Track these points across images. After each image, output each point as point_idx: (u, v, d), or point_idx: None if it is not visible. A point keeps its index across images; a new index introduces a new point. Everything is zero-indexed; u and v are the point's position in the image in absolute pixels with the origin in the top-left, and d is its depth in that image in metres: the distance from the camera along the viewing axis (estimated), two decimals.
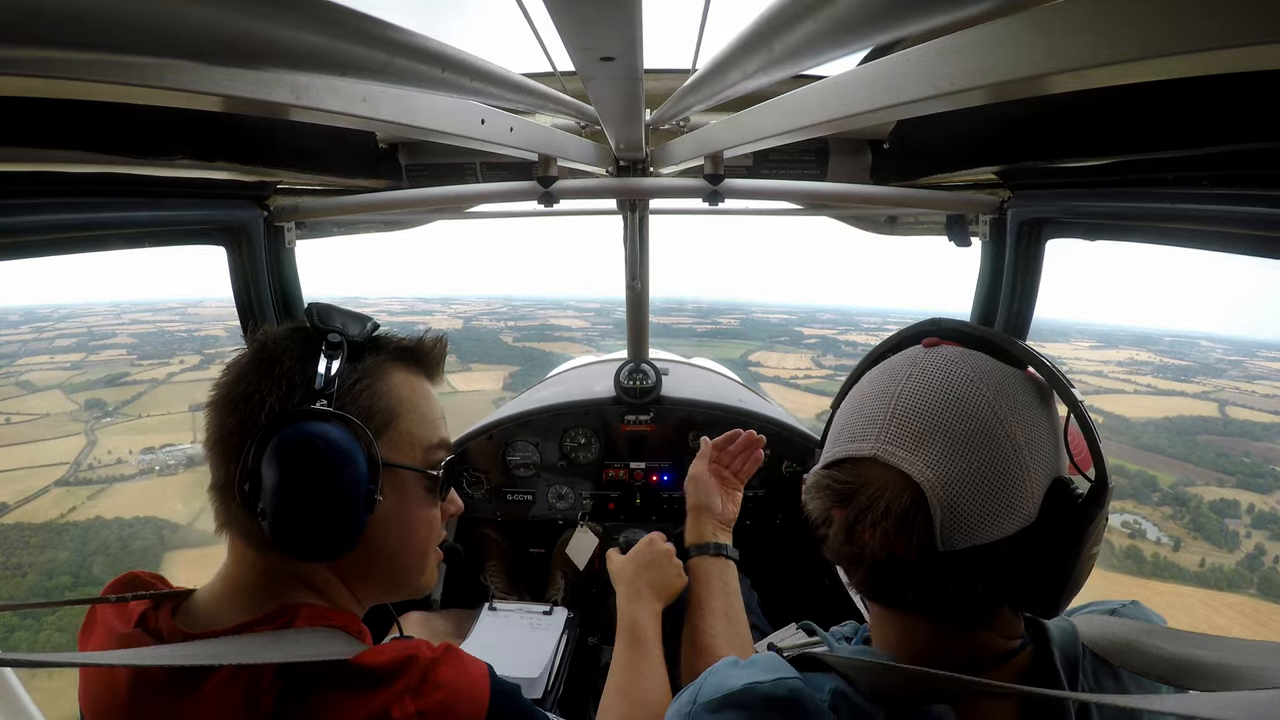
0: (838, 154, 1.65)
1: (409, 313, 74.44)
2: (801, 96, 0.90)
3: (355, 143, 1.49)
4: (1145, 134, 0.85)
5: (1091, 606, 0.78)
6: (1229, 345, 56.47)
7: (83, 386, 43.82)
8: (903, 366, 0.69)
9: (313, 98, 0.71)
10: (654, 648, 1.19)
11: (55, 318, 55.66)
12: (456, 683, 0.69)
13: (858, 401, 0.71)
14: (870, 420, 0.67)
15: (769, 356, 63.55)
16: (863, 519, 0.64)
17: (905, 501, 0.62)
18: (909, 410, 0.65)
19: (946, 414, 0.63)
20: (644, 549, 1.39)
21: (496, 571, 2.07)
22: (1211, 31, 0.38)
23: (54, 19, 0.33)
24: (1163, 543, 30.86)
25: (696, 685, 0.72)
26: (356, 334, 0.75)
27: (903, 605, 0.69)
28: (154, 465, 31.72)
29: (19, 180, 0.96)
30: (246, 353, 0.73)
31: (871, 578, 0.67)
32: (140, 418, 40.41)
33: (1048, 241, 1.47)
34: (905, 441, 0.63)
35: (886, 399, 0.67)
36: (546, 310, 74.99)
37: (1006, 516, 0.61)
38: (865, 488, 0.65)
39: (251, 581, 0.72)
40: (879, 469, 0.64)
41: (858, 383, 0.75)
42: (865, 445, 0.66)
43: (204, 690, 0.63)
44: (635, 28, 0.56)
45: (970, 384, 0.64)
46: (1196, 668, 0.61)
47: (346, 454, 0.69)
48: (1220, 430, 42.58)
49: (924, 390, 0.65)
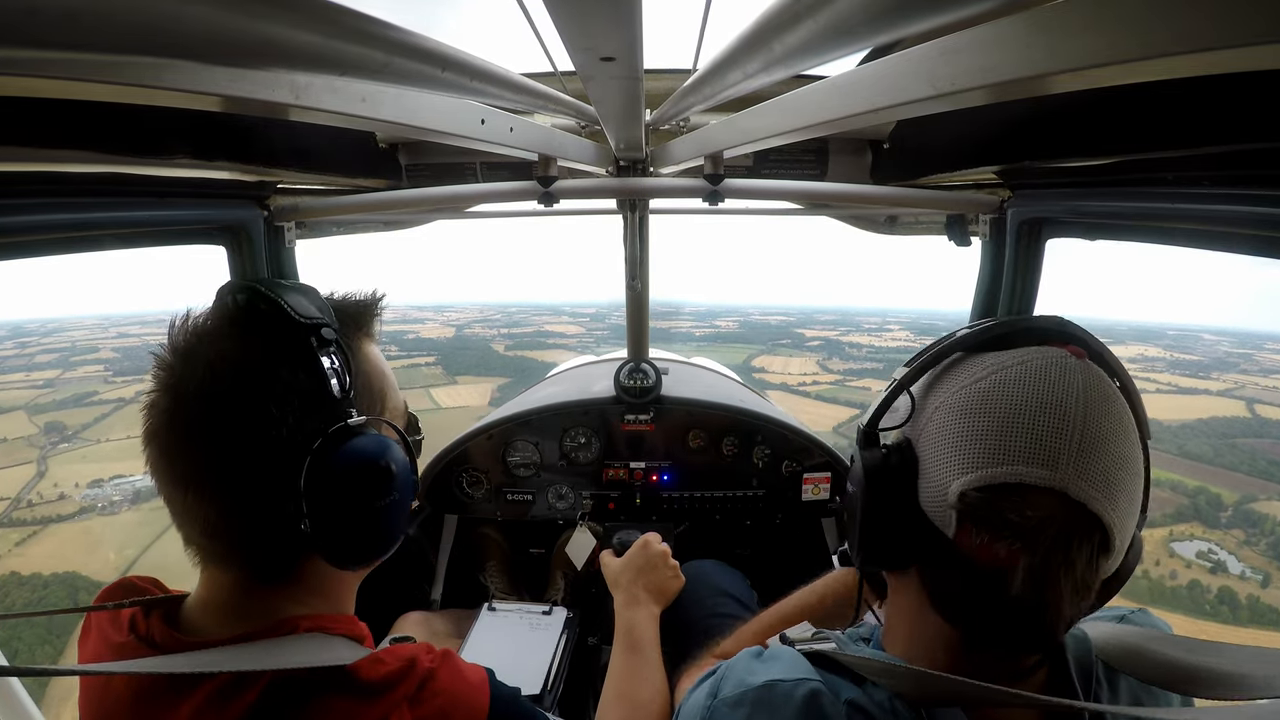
0: (838, 154, 1.65)
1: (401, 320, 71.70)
2: (801, 96, 0.90)
3: (355, 143, 1.49)
4: (1145, 134, 0.85)
5: (1098, 614, 0.77)
6: (1234, 338, 54.33)
7: (48, 407, 39.47)
8: (1066, 377, 0.60)
9: (313, 98, 0.71)
10: (652, 651, 1.20)
11: (41, 332, 52.14)
12: (455, 690, 0.69)
13: (1008, 403, 0.61)
14: (1046, 440, 0.58)
15: (773, 361, 61.22)
16: (1051, 560, 0.57)
17: (1093, 546, 0.57)
18: (1098, 438, 0.58)
19: (1124, 448, 0.59)
20: (639, 552, 1.39)
21: (496, 571, 2.07)
22: (1211, 31, 0.38)
23: (53, 19, 0.33)
24: (1248, 577, 25.55)
25: (717, 677, 0.71)
26: (327, 318, 0.69)
27: (985, 629, 0.63)
28: (97, 502, 26.81)
29: (19, 180, 0.96)
30: (198, 370, 0.62)
31: (982, 604, 0.61)
32: (99, 442, 35.14)
33: (1048, 241, 1.47)
34: (1096, 477, 0.57)
35: (1067, 418, 0.58)
36: (541, 316, 73.92)
37: (1125, 549, 0.61)
38: (1050, 524, 0.57)
39: (245, 603, 0.69)
40: (1061, 503, 0.57)
41: (968, 373, 0.66)
42: (1051, 475, 0.57)
43: (198, 697, 0.62)
44: (635, 28, 0.56)
45: (1127, 413, 0.61)
46: (1205, 675, 0.60)
47: (400, 460, 0.70)
48: (1256, 432, 38.42)
49: (1107, 416, 0.59)
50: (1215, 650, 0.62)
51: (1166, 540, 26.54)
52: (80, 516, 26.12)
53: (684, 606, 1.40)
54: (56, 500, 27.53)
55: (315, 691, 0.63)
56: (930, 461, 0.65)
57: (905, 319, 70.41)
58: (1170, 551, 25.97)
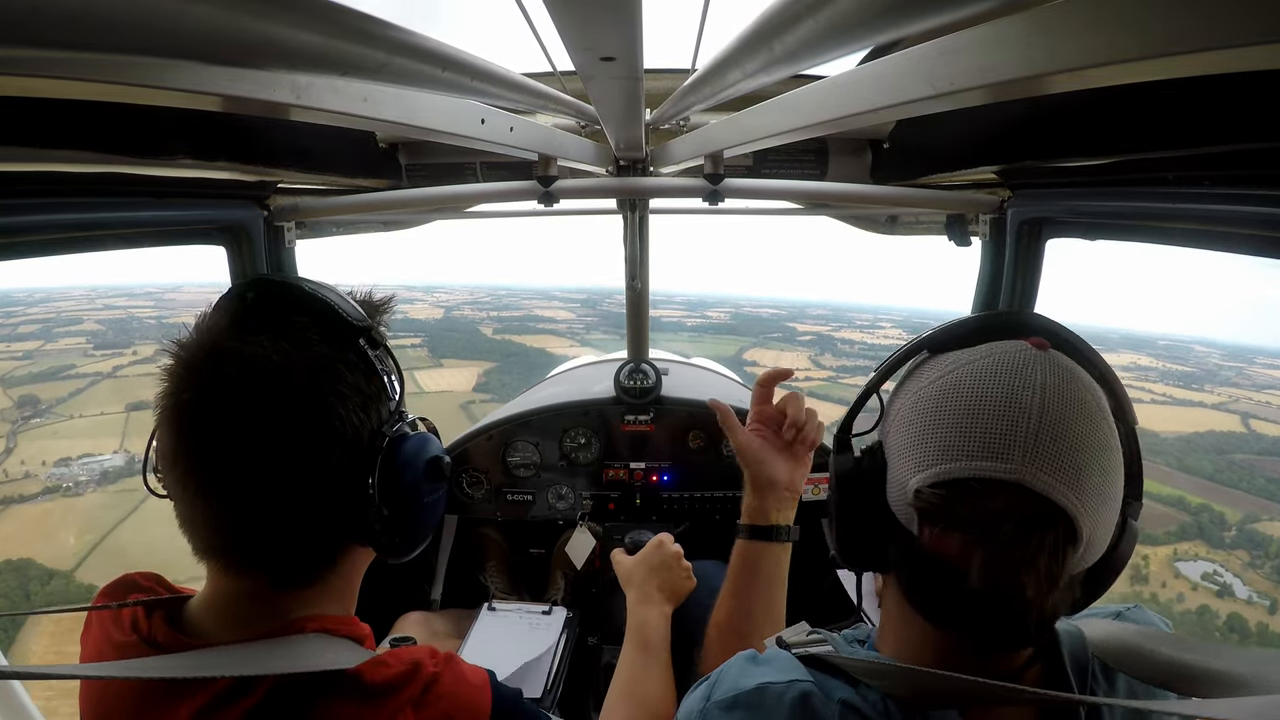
0: (837, 154, 1.64)
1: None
2: (801, 96, 0.90)
3: (355, 143, 1.49)
4: (1145, 134, 0.85)
5: (1093, 610, 0.77)
6: (1224, 350, 53.25)
7: (24, 380, 37.32)
8: (1024, 369, 0.60)
9: (313, 98, 0.71)
10: (662, 651, 1.19)
11: (29, 301, 49.20)
12: (458, 694, 0.69)
13: (964, 399, 0.61)
14: (1000, 432, 0.57)
15: (764, 355, 59.33)
16: (1009, 555, 0.56)
17: (1057, 537, 0.56)
18: (1055, 428, 0.57)
19: (1087, 436, 0.57)
20: (653, 551, 1.38)
21: (496, 571, 2.07)
22: (1211, 31, 0.38)
23: (53, 19, 0.33)
24: (1255, 602, 24.21)
25: (711, 680, 0.71)
26: (369, 321, 0.70)
27: (967, 626, 0.63)
28: (63, 482, 25.18)
29: (19, 180, 0.96)
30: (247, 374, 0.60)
31: (951, 600, 0.61)
32: (71, 419, 33.48)
33: (1048, 241, 1.47)
34: (1055, 467, 0.56)
35: (1022, 410, 0.57)
36: (532, 300, 72.97)
37: (1109, 539, 0.60)
38: (1005, 517, 0.56)
39: (256, 607, 0.69)
40: (1020, 495, 0.56)
41: (930, 371, 0.66)
42: (1005, 466, 0.56)
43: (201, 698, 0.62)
44: (635, 28, 0.56)
45: (1094, 401, 0.59)
46: (1200, 674, 0.59)
47: (446, 455, 0.75)
48: (1253, 448, 37.11)
49: (1065, 405, 0.58)
50: (1214, 651, 0.62)
51: (1171, 559, 25.85)
52: (42, 498, 24.60)
53: (683, 606, 1.40)
54: (21, 479, 25.79)
55: (319, 694, 0.63)
56: (894, 462, 0.66)
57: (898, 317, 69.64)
58: (1176, 572, 25.26)
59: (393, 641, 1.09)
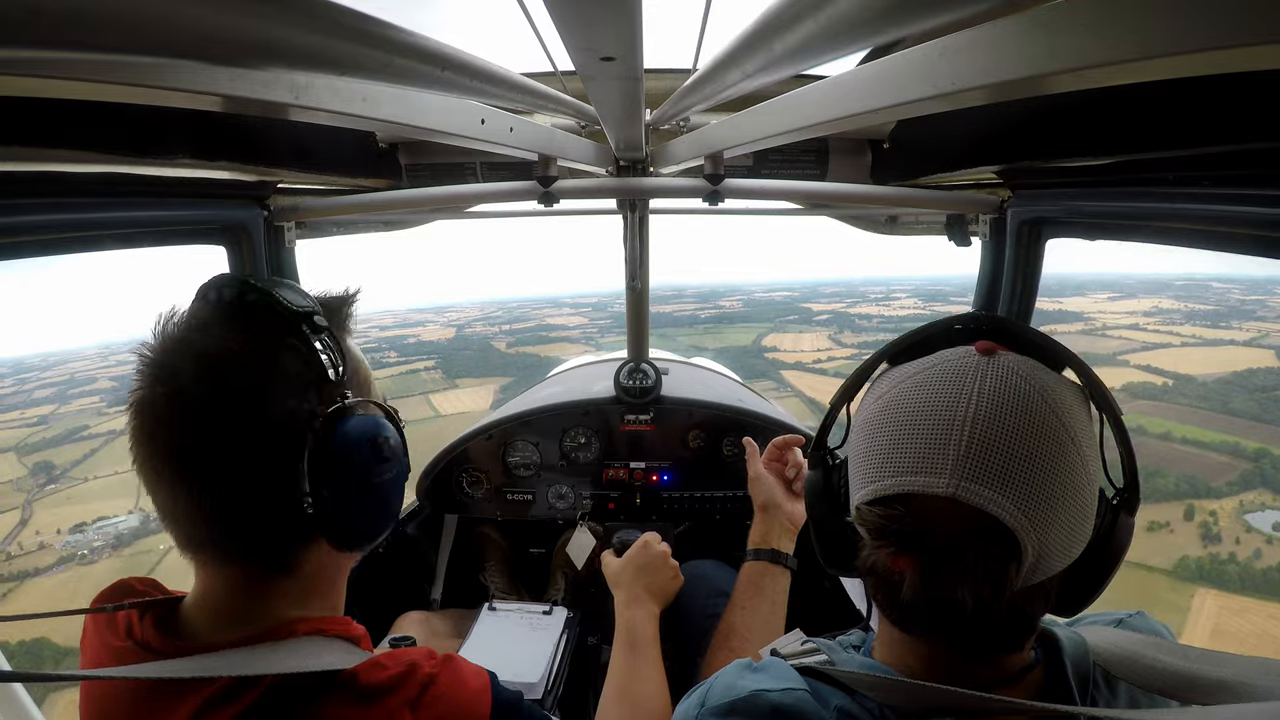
0: (838, 154, 1.65)
1: (401, 325, 69.35)
2: (801, 96, 0.90)
3: (355, 143, 1.49)
4: (1145, 134, 0.85)
5: (1096, 617, 0.77)
6: (1243, 285, 50.67)
7: (39, 446, 37.33)
8: (963, 378, 0.59)
9: (313, 97, 0.71)
10: (652, 651, 1.20)
11: (42, 366, 50.32)
12: (455, 696, 0.69)
13: (901, 414, 0.61)
14: (933, 446, 0.57)
15: (782, 339, 57.25)
16: (940, 569, 0.56)
17: (998, 550, 0.55)
18: (990, 439, 0.55)
19: (1030, 443, 0.55)
20: (640, 552, 1.39)
21: (496, 571, 2.07)
22: (1211, 31, 0.38)
23: (53, 19, 0.33)
24: None
25: (705, 687, 0.72)
26: (316, 308, 0.71)
27: (936, 634, 0.64)
28: (77, 550, 25.30)
29: (19, 180, 0.96)
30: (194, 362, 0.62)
31: (916, 613, 0.62)
32: (86, 480, 33.32)
33: (1048, 241, 1.47)
34: (991, 479, 0.55)
35: (956, 422, 0.57)
36: (543, 309, 72.56)
37: (1079, 544, 0.59)
38: (939, 532, 0.56)
39: (243, 603, 0.69)
40: (956, 509, 0.55)
41: (881, 385, 0.67)
42: (937, 481, 0.56)
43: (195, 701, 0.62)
44: (635, 28, 0.56)
45: (1044, 403, 0.57)
46: (1205, 683, 0.58)
47: (395, 436, 0.73)
48: None
49: (1003, 413, 0.56)
50: (1216, 659, 0.61)
51: (1239, 512, 24.08)
52: (57, 569, 24.80)
53: (683, 606, 1.41)
54: (36, 550, 26.18)
55: (314, 696, 0.63)
56: (850, 478, 0.68)
57: (910, 286, 68.60)
58: (1246, 525, 23.43)
59: (392, 641, 1.09)
